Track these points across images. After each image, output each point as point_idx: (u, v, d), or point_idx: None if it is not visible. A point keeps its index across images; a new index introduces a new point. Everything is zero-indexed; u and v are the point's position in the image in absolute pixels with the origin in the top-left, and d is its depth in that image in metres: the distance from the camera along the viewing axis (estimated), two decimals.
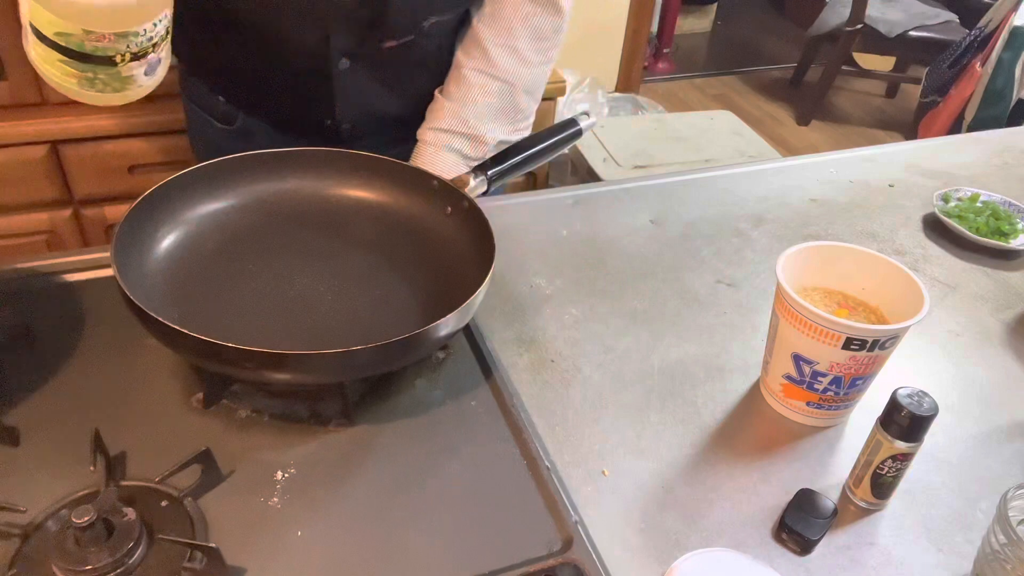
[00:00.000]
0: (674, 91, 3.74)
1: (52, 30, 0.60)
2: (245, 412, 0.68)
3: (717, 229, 1.00)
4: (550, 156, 0.90)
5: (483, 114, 0.92)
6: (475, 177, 0.83)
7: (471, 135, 0.92)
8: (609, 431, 0.71)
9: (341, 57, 0.88)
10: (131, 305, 0.62)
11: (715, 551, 0.59)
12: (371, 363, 0.65)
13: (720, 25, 4.48)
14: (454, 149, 0.92)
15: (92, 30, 0.60)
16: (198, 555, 0.55)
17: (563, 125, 0.90)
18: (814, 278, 0.75)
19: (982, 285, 0.95)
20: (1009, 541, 0.55)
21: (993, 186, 1.12)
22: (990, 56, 2.76)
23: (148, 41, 0.63)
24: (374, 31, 0.87)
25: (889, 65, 3.68)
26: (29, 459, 0.63)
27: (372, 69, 0.92)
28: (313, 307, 0.75)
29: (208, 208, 0.81)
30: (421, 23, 0.89)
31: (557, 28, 0.93)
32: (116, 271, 0.64)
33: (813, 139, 3.43)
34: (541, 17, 0.91)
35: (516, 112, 0.94)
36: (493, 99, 0.92)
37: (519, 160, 0.86)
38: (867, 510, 0.66)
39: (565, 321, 0.83)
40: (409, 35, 0.89)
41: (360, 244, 0.82)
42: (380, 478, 0.64)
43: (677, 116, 2.52)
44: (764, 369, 0.75)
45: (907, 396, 0.61)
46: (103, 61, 0.62)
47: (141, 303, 0.61)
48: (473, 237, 0.78)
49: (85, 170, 1.61)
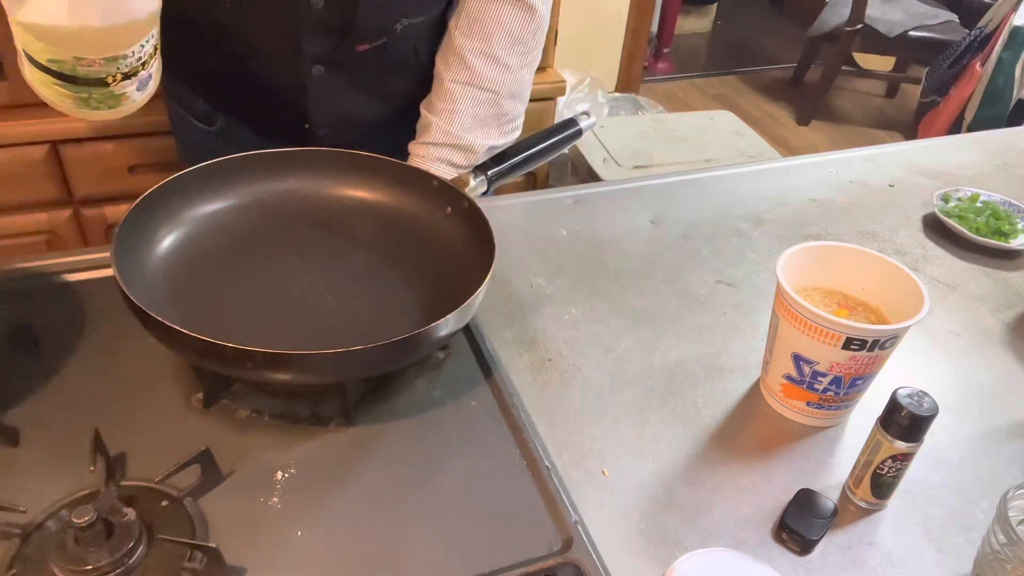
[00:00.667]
0: (674, 91, 3.74)
1: (44, 57, 0.62)
2: (245, 412, 0.68)
3: (717, 229, 1.00)
4: (550, 156, 0.90)
5: (470, 125, 0.91)
6: (475, 177, 0.83)
7: (460, 146, 0.91)
8: (609, 431, 0.71)
9: (314, 63, 0.88)
10: (131, 305, 0.62)
11: (715, 551, 0.59)
12: (371, 363, 0.65)
13: (720, 25, 4.48)
14: (444, 159, 0.92)
15: (82, 56, 0.62)
16: (198, 555, 0.55)
17: (563, 125, 0.90)
18: (814, 278, 0.75)
19: (982, 285, 0.95)
20: (1009, 541, 0.55)
21: (993, 186, 1.12)
22: (990, 56, 2.76)
23: (137, 61, 0.65)
24: (345, 35, 0.86)
25: (889, 65, 3.68)
26: (29, 459, 0.63)
27: (346, 74, 0.91)
28: (313, 307, 0.75)
29: (208, 208, 0.81)
30: (393, 26, 0.88)
31: (535, 30, 0.92)
32: (116, 271, 0.64)
33: (813, 139, 3.43)
34: (515, 21, 0.90)
35: (502, 118, 0.94)
36: (479, 108, 0.91)
37: (519, 160, 0.86)
38: (867, 510, 0.66)
39: (565, 321, 0.83)
40: (382, 38, 0.89)
41: (360, 244, 0.82)
42: (380, 478, 0.64)
43: (677, 116, 2.52)
44: (764, 369, 0.75)
45: (907, 396, 0.61)
46: (96, 83, 0.64)
47: (141, 303, 0.61)
48: (473, 237, 0.78)
49: (85, 170, 1.61)
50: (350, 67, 0.91)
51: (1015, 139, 1.31)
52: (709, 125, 2.40)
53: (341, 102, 0.94)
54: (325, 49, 0.87)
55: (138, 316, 0.63)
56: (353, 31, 0.86)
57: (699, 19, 4.36)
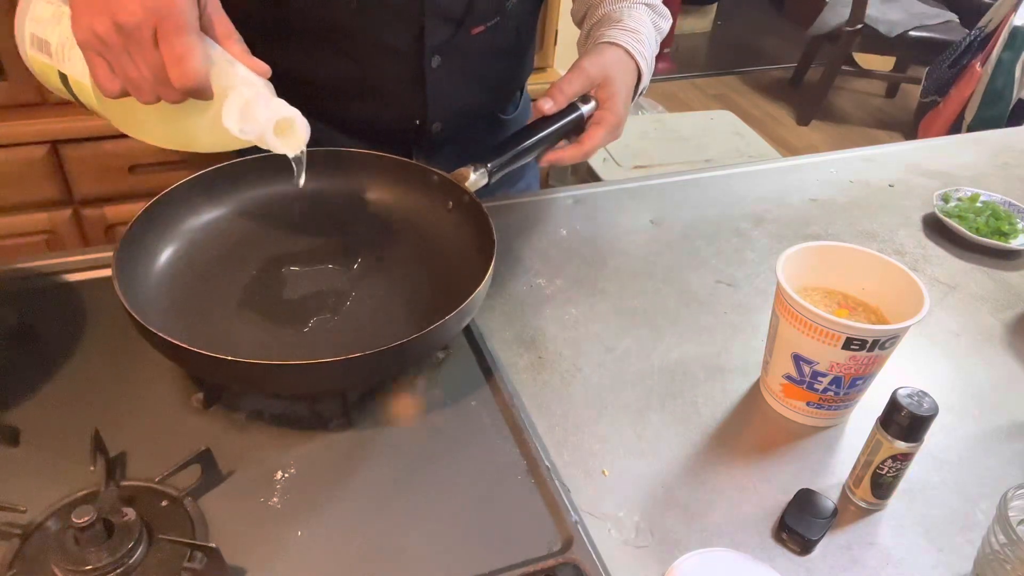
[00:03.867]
0: (674, 91, 3.74)
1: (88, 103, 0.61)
2: (245, 412, 0.68)
3: (717, 229, 1.00)
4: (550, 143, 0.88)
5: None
6: (475, 171, 0.82)
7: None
8: (609, 431, 0.71)
9: (433, 54, 0.88)
10: (132, 320, 0.62)
11: (715, 551, 0.59)
12: (372, 369, 0.65)
13: (720, 25, 4.49)
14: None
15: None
16: (198, 555, 0.55)
17: (563, 112, 0.89)
18: (814, 278, 0.75)
19: (982, 285, 0.95)
20: (1009, 541, 0.55)
21: (993, 186, 1.12)
22: (990, 56, 2.76)
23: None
24: (464, 17, 0.87)
25: (889, 65, 3.68)
26: (29, 459, 0.63)
27: (460, 60, 0.91)
28: (314, 311, 0.75)
29: (207, 217, 0.81)
30: (505, 3, 0.89)
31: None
32: (118, 287, 0.63)
33: (813, 139, 3.43)
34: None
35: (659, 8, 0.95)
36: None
37: (520, 150, 0.84)
38: (867, 510, 0.66)
39: (565, 321, 0.83)
40: (495, 18, 0.89)
41: (361, 244, 0.82)
42: (380, 478, 0.64)
43: (677, 116, 2.52)
44: (764, 369, 0.75)
45: (907, 396, 0.61)
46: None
47: (142, 318, 0.61)
48: (474, 232, 0.77)
49: (85, 170, 1.61)
50: (464, 53, 0.91)
51: (1015, 139, 1.31)
52: (709, 125, 2.40)
53: (455, 92, 0.94)
54: (445, 36, 0.87)
55: (140, 332, 0.63)
56: (472, 12, 0.87)
57: (699, 19, 4.37)
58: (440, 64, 0.89)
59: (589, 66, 0.84)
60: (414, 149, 0.97)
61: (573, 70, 0.84)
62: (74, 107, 1.65)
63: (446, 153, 0.98)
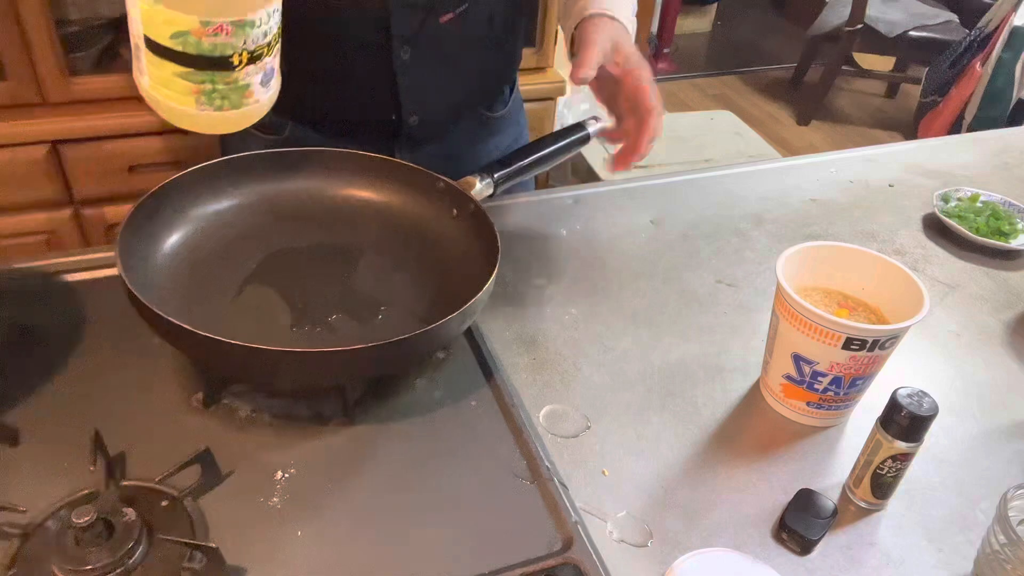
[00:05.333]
0: (674, 91, 3.74)
1: (169, 32, 0.59)
2: (245, 412, 0.68)
3: (717, 229, 1.00)
4: (557, 160, 0.89)
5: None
6: (481, 180, 0.82)
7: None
8: (609, 431, 0.71)
9: (402, 45, 0.87)
10: (134, 300, 0.62)
11: (715, 551, 0.59)
12: (373, 363, 0.65)
13: (720, 25, 4.48)
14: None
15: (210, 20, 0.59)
16: (198, 555, 0.55)
17: (571, 129, 0.89)
18: (814, 278, 0.75)
19: (982, 285, 0.95)
20: (1009, 541, 0.55)
21: (993, 186, 1.12)
22: (990, 56, 2.76)
23: (263, 37, 0.62)
24: (431, 7, 0.86)
25: (889, 65, 3.68)
26: (29, 459, 0.63)
27: (431, 51, 0.91)
28: (316, 308, 0.75)
29: (213, 207, 0.80)
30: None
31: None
32: (121, 269, 0.64)
33: (813, 139, 3.43)
34: None
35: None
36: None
37: (526, 163, 0.86)
38: (867, 510, 0.66)
39: (565, 321, 0.83)
40: (463, 3, 0.88)
41: (366, 245, 0.82)
42: (380, 478, 0.64)
43: (677, 116, 2.52)
44: (764, 369, 0.75)
45: (907, 396, 0.61)
46: (220, 64, 0.61)
47: (146, 299, 0.61)
48: (478, 240, 0.77)
49: (85, 170, 1.61)
50: (434, 43, 0.90)
51: (1015, 139, 1.31)
52: (709, 125, 2.40)
53: (428, 84, 0.93)
54: (413, 27, 0.87)
55: (142, 314, 0.63)
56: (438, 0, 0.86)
57: (699, 19, 4.36)
58: (411, 56, 0.89)
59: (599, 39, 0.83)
60: (395, 145, 0.96)
61: (586, 45, 0.82)
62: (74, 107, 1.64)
63: (429, 151, 0.98)
